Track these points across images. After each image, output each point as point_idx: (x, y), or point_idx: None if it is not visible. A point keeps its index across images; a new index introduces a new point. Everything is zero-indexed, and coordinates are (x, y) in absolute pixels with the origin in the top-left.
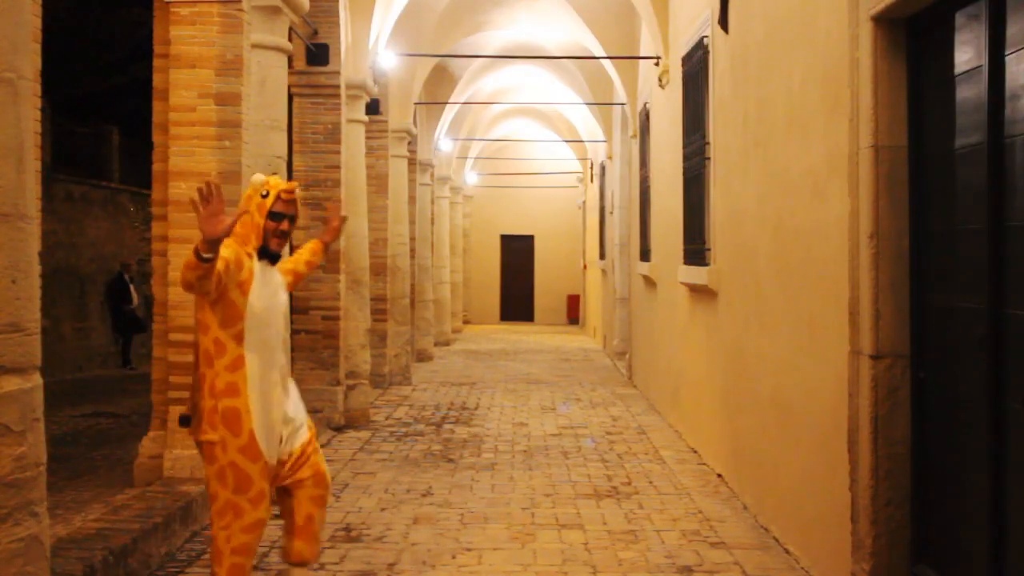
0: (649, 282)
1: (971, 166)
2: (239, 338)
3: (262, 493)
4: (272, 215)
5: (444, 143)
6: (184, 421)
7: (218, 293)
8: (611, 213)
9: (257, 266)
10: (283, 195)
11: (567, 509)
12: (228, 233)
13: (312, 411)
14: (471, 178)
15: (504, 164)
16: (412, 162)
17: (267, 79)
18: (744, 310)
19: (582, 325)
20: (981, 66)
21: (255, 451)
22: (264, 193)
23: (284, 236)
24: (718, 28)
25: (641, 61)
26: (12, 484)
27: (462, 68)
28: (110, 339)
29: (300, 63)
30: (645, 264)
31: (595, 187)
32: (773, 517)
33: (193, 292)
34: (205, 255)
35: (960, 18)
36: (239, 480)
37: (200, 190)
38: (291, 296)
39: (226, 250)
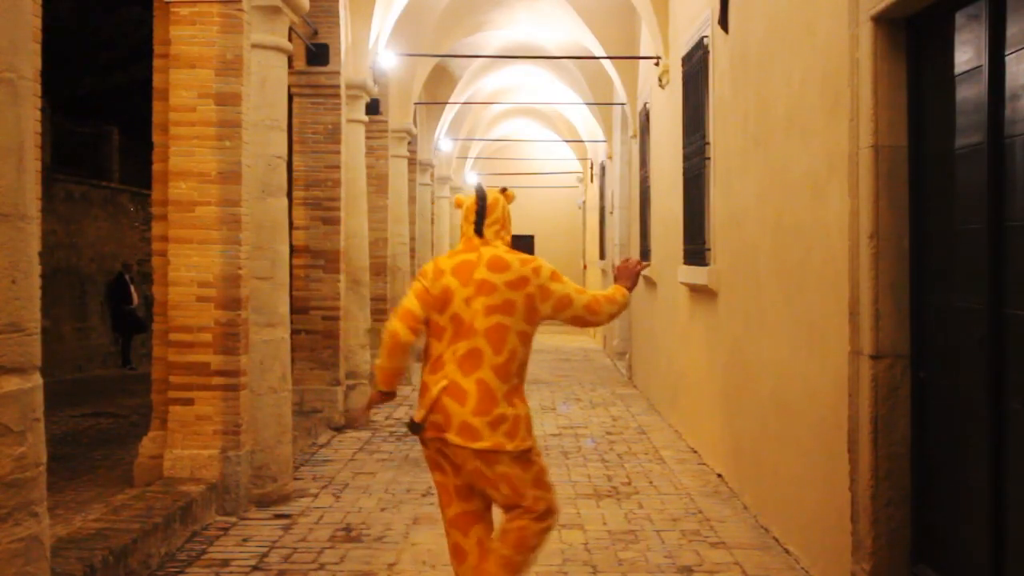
0: (649, 282)
1: (971, 166)
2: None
3: None
4: None
5: (444, 143)
6: (415, 428)
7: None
8: (611, 213)
9: None
10: None
11: (567, 509)
12: None
13: (312, 411)
14: (471, 178)
15: (504, 164)
16: (412, 162)
17: (267, 79)
18: (744, 310)
19: None
20: (981, 66)
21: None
22: None
23: None
24: (718, 28)
25: (641, 61)
26: (12, 484)
27: (462, 68)
28: (110, 339)
29: (300, 63)
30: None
31: (595, 187)
32: (773, 517)
33: (595, 324)
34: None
35: (960, 18)
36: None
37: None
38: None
39: None
